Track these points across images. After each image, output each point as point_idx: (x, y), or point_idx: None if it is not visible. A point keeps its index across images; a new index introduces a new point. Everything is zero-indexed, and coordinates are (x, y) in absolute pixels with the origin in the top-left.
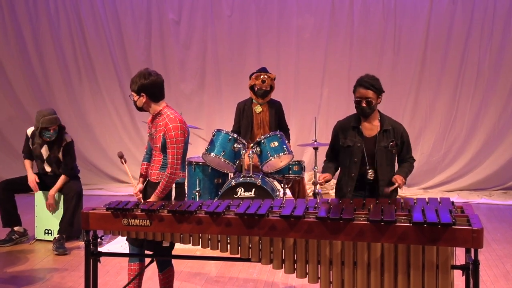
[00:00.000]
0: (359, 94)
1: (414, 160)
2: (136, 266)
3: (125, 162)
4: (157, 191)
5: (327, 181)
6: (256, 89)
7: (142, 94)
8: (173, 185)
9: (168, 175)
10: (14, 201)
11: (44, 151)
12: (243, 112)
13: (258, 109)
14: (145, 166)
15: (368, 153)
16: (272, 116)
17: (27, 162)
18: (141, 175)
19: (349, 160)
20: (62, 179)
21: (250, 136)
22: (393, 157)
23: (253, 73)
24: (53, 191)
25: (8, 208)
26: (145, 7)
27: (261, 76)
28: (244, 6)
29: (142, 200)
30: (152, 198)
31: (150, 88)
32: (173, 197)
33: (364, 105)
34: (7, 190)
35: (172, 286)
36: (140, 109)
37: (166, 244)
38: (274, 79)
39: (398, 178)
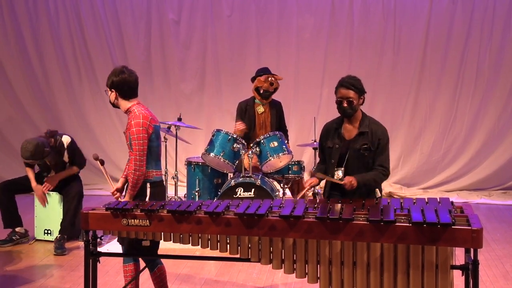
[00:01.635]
0: (340, 95)
1: (385, 171)
2: (131, 267)
3: (103, 163)
4: (128, 189)
5: (312, 186)
6: (262, 90)
7: (112, 90)
8: (148, 184)
9: (132, 171)
10: (15, 202)
11: (50, 160)
12: (245, 112)
13: (260, 109)
14: (127, 166)
15: (342, 155)
16: (273, 117)
17: (29, 171)
18: (122, 175)
19: (329, 161)
20: (73, 169)
21: (252, 137)
22: (366, 160)
23: (259, 74)
24: (59, 176)
25: (9, 208)
26: (145, 7)
27: (269, 78)
28: (244, 6)
29: (119, 199)
30: (126, 197)
31: (119, 85)
32: (147, 197)
33: (345, 105)
34: (8, 190)
35: (166, 284)
36: (113, 105)
37: (145, 243)
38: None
39: (348, 177)
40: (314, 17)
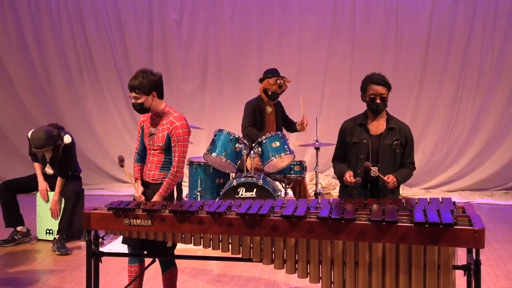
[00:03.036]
0: (373, 91)
1: (415, 168)
2: (136, 268)
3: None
4: (161, 190)
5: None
6: (270, 92)
7: (153, 92)
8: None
9: (174, 173)
10: (16, 201)
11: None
12: (258, 112)
13: (268, 109)
14: (139, 168)
15: (373, 150)
16: (278, 116)
17: (37, 166)
18: (136, 178)
19: (355, 157)
20: (59, 182)
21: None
22: (396, 156)
23: (268, 76)
24: (55, 196)
25: (10, 208)
26: (146, 7)
27: (278, 81)
28: (246, 6)
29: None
30: (155, 198)
31: (159, 84)
32: (175, 197)
33: (378, 101)
34: (9, 190)
35: (175, 286)
36: (144, 110)
37: (170, 244)
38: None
39: (390, 176)
40: (316, 17)
